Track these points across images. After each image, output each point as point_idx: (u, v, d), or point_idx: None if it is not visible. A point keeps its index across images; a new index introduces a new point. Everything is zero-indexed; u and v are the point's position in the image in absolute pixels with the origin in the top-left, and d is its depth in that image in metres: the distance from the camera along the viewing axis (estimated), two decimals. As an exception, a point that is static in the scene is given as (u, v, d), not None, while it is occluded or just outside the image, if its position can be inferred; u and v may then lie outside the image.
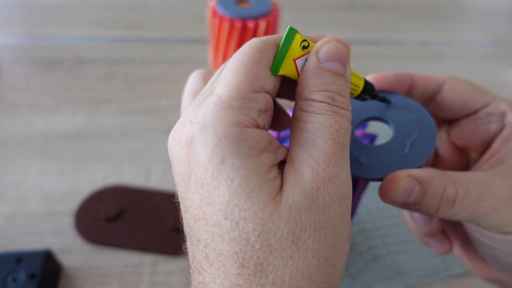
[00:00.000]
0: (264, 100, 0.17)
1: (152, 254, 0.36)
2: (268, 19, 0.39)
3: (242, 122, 0.16)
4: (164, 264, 0.36)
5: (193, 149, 0.16)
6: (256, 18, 0.39)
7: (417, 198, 0.18)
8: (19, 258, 0.32)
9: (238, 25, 0.39)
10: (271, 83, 0.17)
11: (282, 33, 0.17)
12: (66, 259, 0.35)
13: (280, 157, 0.17)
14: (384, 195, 0.19)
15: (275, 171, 0.16)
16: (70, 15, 0.71)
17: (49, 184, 0.42)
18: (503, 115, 0.23)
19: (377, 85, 0.23)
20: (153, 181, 0.43)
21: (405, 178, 0.18)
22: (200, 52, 0.64)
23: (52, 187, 0.41)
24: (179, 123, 0.17)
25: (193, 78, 0.21)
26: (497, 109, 0.23)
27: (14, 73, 0.57)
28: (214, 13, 0.40)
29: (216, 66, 0.44)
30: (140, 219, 0.39)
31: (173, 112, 0.52)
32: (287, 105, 0.26)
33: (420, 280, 0.35)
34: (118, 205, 0.39)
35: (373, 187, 0.43)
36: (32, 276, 0.31)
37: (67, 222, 0.38)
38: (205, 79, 0.21)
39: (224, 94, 0.16)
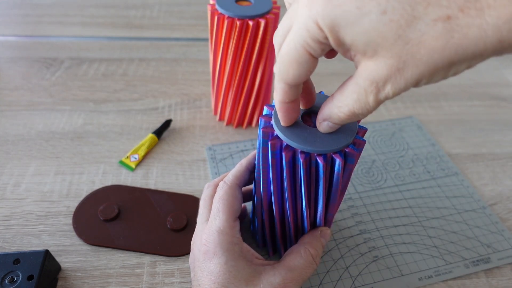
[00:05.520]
0: (238, 224, 0.30)
1: (151, 255, 0.36)
2: (269, 17, 0.39)
3: (233, 241, 0.28)
4: (163, 265, 0.35)
5: (209, 256, 0.28)
6: (256, 17, 0.39)
7: None
8: (17, 259, 0.32)
9: (238, 24, 0.38)
10: (239, 210, 0.30)
11: None
12: (65, 260, 0.35)
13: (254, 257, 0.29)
14: None
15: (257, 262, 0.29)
16: (68, 13, 0.70)
17: (47, 184, 0.41)
18: None
19: None
20: (152, 181, 0.42)
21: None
22: (200, 51, 0.63)
23: (50, 187, 0.41)
24: (198, 235, 0.30)
25: (206, 193, 0.33)
26: None
27: (12, 72, 0.56)
28: (214, 12, 0.39)
29: (216, 66, 0.44)
30: (139, 219, 0.38)
31: (172, 111, 0.51)
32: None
33: (421, 282, 0.35)
34: (116, 205, 0.39)
35: (372, 188, 0.43)
36: (30, 277, 0.31)
37: (66, 222, 0.38)
38: (213, 194, 0.32)
39: (222, 226, 0.28)
